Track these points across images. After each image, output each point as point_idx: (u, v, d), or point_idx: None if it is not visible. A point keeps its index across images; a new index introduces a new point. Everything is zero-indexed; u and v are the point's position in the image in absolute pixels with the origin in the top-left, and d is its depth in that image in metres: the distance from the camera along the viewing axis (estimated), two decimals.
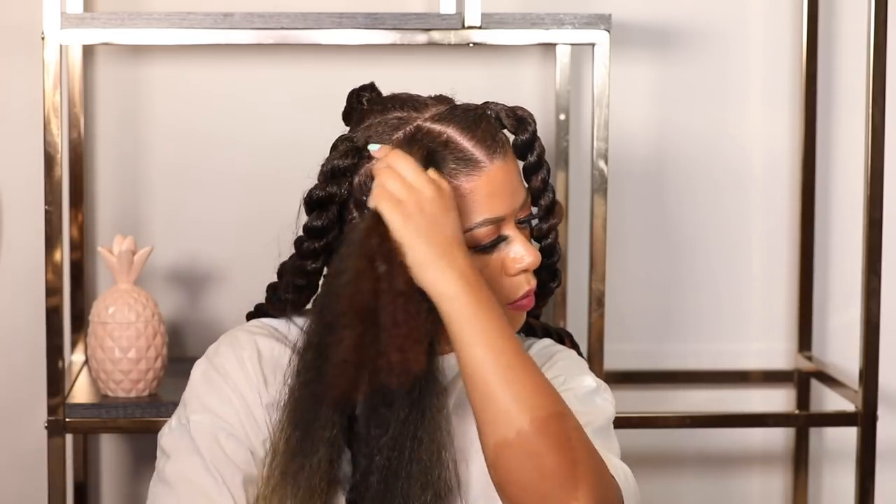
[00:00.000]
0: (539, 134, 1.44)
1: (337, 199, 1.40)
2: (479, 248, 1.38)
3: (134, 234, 2.16)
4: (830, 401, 2.28)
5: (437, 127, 1.38)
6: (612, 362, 2.13)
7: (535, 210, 1.46)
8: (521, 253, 1.40)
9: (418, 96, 1.44)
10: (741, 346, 2.32)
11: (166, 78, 2.21)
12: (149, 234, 2.20)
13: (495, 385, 1.27)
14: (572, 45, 2.18)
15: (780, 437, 2.35)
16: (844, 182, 2.29)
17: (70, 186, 2.16)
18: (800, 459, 2.31)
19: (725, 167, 2.29)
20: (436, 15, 1.89)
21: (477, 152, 1.38)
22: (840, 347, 2.31)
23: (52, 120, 1.84)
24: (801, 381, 2.30)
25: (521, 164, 1.44)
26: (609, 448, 1.36)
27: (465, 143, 1.38)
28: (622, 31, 2.20)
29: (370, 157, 1.39)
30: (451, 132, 1.38)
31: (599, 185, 1.91)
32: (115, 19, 1.86)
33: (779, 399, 2.34)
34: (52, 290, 1.87)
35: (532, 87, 2.23)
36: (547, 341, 1.53)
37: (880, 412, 2.03)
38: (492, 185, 1.38)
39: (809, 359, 2.28)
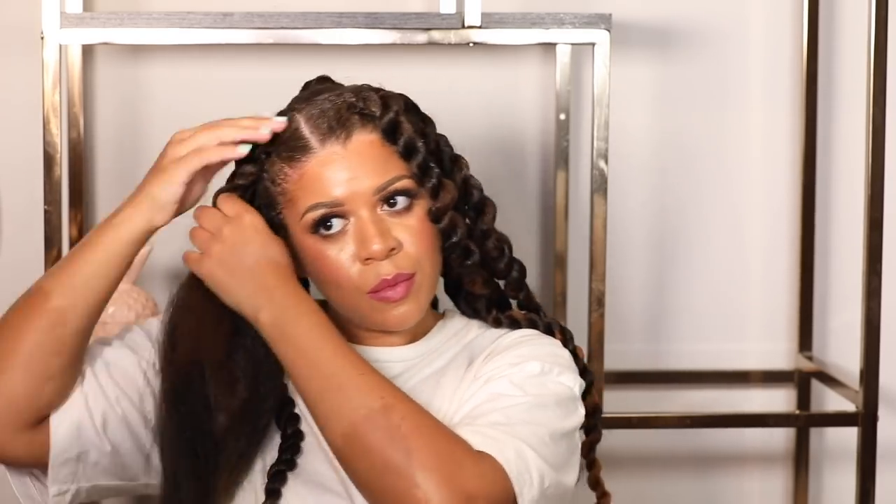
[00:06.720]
0: (539, 134, 1.44)
1: (256, 153, 1.46)
2: (320, 234, 1.41)
3: None
4: (831, 401, 2.28)
5: (294, 114, 1.44)
6: (611, 362, 2.12)
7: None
8: (362, 239, 1.40)
9: (339, 85, 1.49)
10: (741, 346, 2.32)
11: (166, 78, 2.20)
12: None
13: (315, 396, 1.34)
14: (572, 44, 2.17)
15: (780, 438, 2.35)
16: (844, 182, 2.29)
17: (69, 186, 2.16)
18: (800, 460, 2.31)
19: (725, 167, 2.29)
20: (436, 15, 1.89)
21: (312, 139, 1.42)
22: (840, 347, 2.31)
23: (51, 120, 1.84)
24: (801, 381, 2.30)
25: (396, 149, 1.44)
26: (539, 424, 1.34)
27: (304, 129, 1.42)
28: (622, 31, 2.20)
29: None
30: (299, 118, 1.44)
31: (599, 185, 1.91)
32: (115, 19, 1.86)
33: (779, 399, 2.33)
34: None
35: (532, 86, 2.23)
36: (524, 332, 1.48)
37: (881, 412, 2.03)
38: (321, 170, 1.40)
39: (810, 359, 2.28)
